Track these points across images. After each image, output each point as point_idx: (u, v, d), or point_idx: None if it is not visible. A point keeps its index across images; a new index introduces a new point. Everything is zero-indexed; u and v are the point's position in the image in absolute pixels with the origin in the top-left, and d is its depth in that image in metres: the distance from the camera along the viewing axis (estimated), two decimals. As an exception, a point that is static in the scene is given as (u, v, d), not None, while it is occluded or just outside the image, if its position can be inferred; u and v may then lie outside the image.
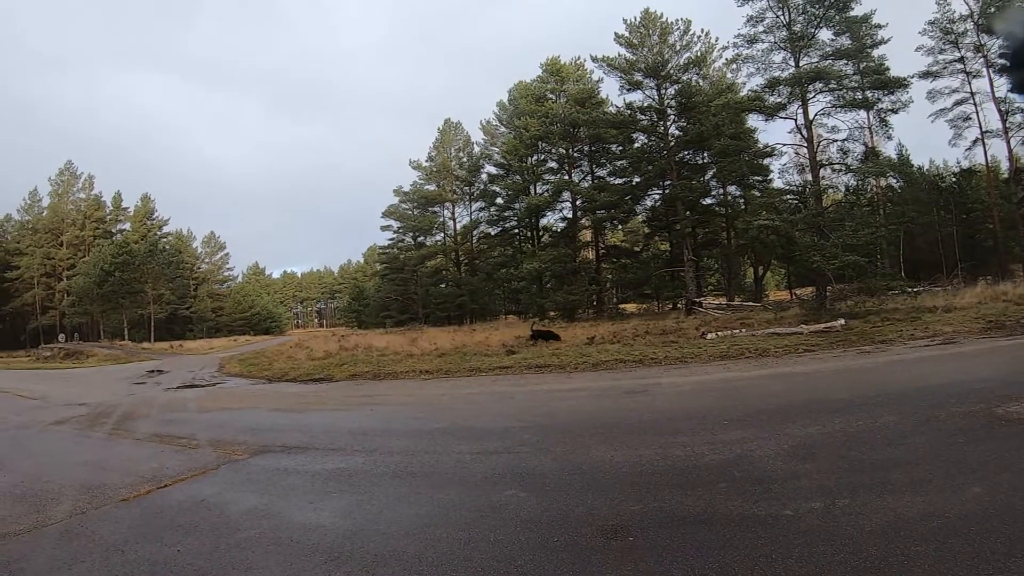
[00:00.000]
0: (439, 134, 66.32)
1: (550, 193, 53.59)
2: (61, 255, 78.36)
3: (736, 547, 4.20)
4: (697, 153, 47.34)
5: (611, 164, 52.23)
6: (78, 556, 5.16)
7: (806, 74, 31.29)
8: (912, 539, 4.01)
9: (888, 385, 10.21)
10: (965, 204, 49.84)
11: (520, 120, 53.70)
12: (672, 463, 6.50)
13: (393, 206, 65.82)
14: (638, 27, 46.11)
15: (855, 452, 6.21)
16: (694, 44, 45.95)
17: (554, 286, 51.84)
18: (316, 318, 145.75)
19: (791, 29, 32.27)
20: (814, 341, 17.11)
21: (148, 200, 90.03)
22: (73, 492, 7.31)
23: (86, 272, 68.27)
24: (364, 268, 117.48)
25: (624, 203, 49.97)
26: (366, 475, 7.23)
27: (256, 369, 25.36)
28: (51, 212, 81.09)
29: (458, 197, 65.51)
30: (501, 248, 62.09)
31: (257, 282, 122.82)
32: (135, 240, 77.69)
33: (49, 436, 12.53)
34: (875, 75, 32.03)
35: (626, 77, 45.83)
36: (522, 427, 9.33)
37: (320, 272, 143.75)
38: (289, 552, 4.90)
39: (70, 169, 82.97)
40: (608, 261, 55.68)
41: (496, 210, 60.34)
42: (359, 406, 13.96)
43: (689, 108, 44.17)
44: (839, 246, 27.01)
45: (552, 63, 56.13)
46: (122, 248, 68.78)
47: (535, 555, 4.43)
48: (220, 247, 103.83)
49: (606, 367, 16.26)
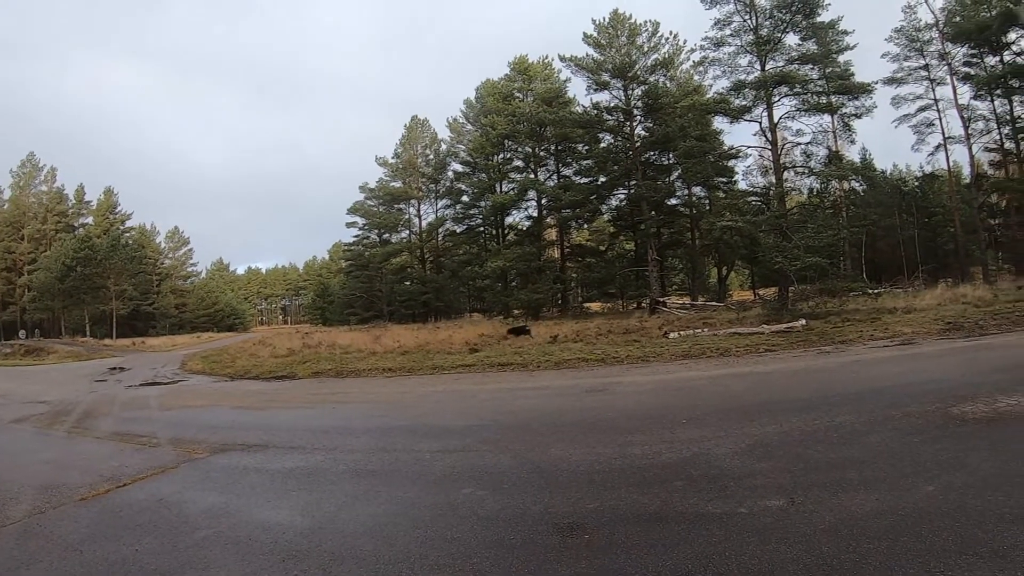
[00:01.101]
0: (406, 131, 66.23)
1: (516, 192, 53.71)
2: (22, 249, 76.80)
3: (691, 544, 4.21)
4: (663, 154, 47.54)
5: (577, 163, 52.55)
6: (36, 556, 5.11)
7: (771, 78, 31.65)
8: (864, 536, 4.04)
9: (847, 385, 10.30)
10: (927, 208, 50.87)
11: (487, 118, 53.84)
12: (630, 461, 6.50)
13: (359, 203, 65.66)
14: (607, 28, 46.25)
15: (811, 451, 6.26)
16: (662, 46, 46.27)
17: (519, 284, 52.08)
18: (281, 315, 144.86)
19: (758, 33, 32.64)
20: (775, 341, 17.28)
21: (111, 193, 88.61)
22: (32, 491, 7.20)
23: (47, 267, 67.36)
24: (329, 265, 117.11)
25: (589, 202, 50.20)
26: (325, 473, 7.19)
27: (219, 367, 25.11)
28: (12, 205, 79.45)
29: (424, 194, 65.44)
30: (466, 246, 62.02)
31: (221, 278, 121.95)
32: (98, 234, 76.71)
33: (8, 434, 12.32)
34: (840, 80, 32.56)
35: (593, 77, 45.91)
36: (482, 425, 9.34)
37: (285, 268, 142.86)
38: (247, 551, 4.87)
39: (32, 161, 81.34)
40: (573, 260, 56.04)
41: (462, 208, 60.50)
42: (321, 404, 13.90)
43: (656, 109, 44.48)
44: (801, 247, 27.31)
45: (520, 62, 56.29)
46: (84, 243, 67.97)
47: (491, 552, 4.43)
48: (184, 242, 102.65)
49: (568, 366, 16.28)
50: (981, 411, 7.20)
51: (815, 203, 36.65)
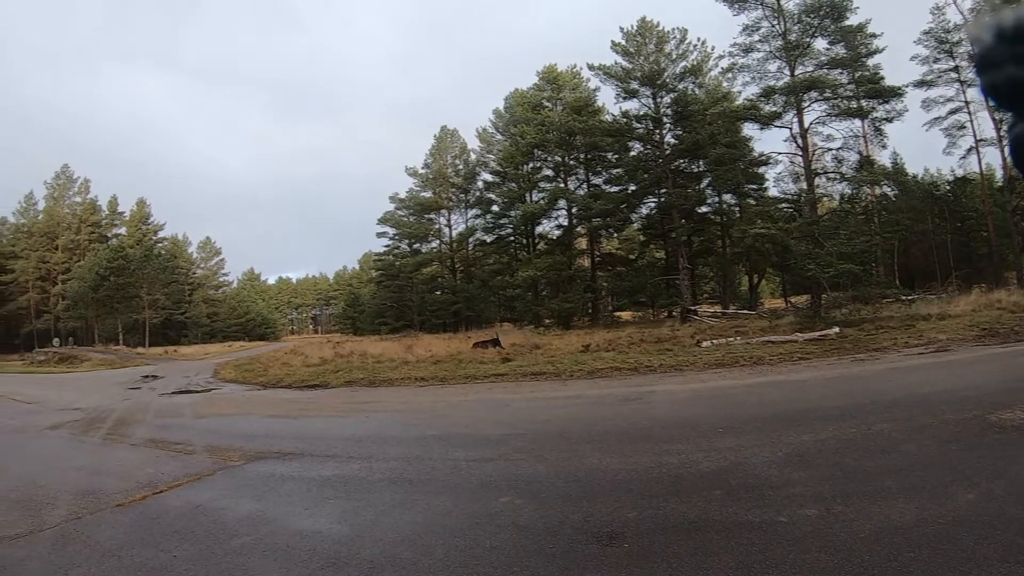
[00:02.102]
0: (435, 141, 66.41)
1: (546, 201, 53.49)
2: (56, 259, 77.94)
3: (731, 553, 4.21)
4: (693, 161, 47.12)
5: (607, 172, 52.05)
6: (74, 561, 5.16)
7: (801, 83, 31.43)
8: (905, 545, 4.01)
9: (882, 393, 10.24)
10: (960, 212, 49.99)
11: (516, 128, 53.75)
12: (667, 470, 6.50)
13: (389, 213, 65.90)
14: (635, 35, 45.99)
15: (849, 459, 6.23)
16: (690, 53, 45.86)
17: (549, 294, 51.91)
18: (311, 324, 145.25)
19: (786, 38, 32.41)
20: (809, 349, 17.18)
21: (144, 205, 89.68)
22: (69, 497, 7.29)
23: (81, 276, 68.28)
24: (359, 275, 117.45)
25: (620, 211, 49.74)
26: (362, 482, 7.23)
27: (251, 375, 25.37)
28: (46, 216, 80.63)
29: (454, 204, 65.47)
30: (497, 255, 61.78)
31: (252, 288, 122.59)
32: (130, 245, 77.68)
33: (44, 441, 12.52)
34: (870, 84, 32.17)
35: (622, 85, 45.67)
36: (517, 435, 9.36)
37: (316, 278, 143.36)
38: (286, 558, 4.90)
39: (66, 173, 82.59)
40: (603, 269, 55.52)
41: (492, 217, 60.28)
42: (355, 413, 14.01)
43: (685, 116, 44.09)
44: (834, 254, 27.09)
45: (549, 71, 56.16)
46: (117, 253, 68.87)
47: (531, 561, 4.44)
48: (216, 252, 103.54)
49: (601, 375, 16.30)
50: (1020, 418, 7.14)
51: (847, 209, 36.19)
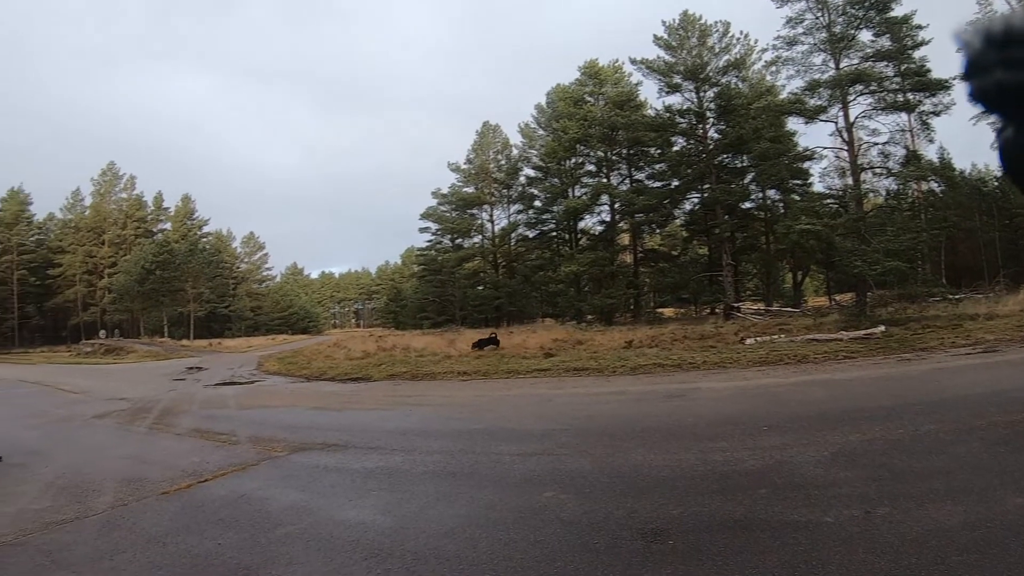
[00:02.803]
0: (477, 137, 66.43)
1: (588, 196, 53.32)
2: (103, 253, 79.94)
3: (776, 553, 4.20)
4: (736, 156, 46.67)
5: (650, 167, 51.65)
6: (119, 547, 5.32)
7: (846, 76, 31.09)
8: (953, 549, 3.97)
9: (929, 393, 10.10)
10: (1008, 209, 48.79)
11: (558, 123, 53.56)
12: (712, 468, 6.50)
13: (431, 208, 66.10)
14: (677, 29, 45.70)
15: (896, 460, 6.18)
16: (733, 46, 45.47)
17: (591, 289, 51.67)
18: (354, 318, 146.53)
19: (831, 31, 32.11)
20: (854, 348, 16.97)
21: (188, 201, 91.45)
22: (115, 484, 7.53)
23: (127, 270, 69.84)
24: (402, 270, 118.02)
25: (663, 207, 49.52)
26: (405, 474, 7.33)
27: (295, 367, 25.70)
28: (93, 212, 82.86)
29: (496, 200, 65.39)
30: (539, 251, 61.72)
31: (295, 282, 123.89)
32: (176, 240, 79.18)
33: (91, 430, 12.89)
34: (916, 77, 31.68)
35: (665, 80, 45.44)
36: (561, 429, 9.39)
37: (358, 273, 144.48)
38: (329, 548, 5.00)
39: (112, 170, 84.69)
40: (646, 265, 55.20)
41: (534, 213, 60.22)
42: (397, 406, 14.15)
43: (728, 111, 43.72)
44: (880, 251, 26.76)
45: (590, 66, 55.94)
46: (163, 247, 70.33)
47: (575, 556, 4.47)
48: (259, 247, 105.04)
49: (644, 371, 16.29)
50: (1072, 422, 7.05)
51: (893, 205, 35.68)
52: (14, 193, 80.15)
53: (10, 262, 75.67)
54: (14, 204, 79.50)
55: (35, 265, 78.35)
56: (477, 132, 66.58)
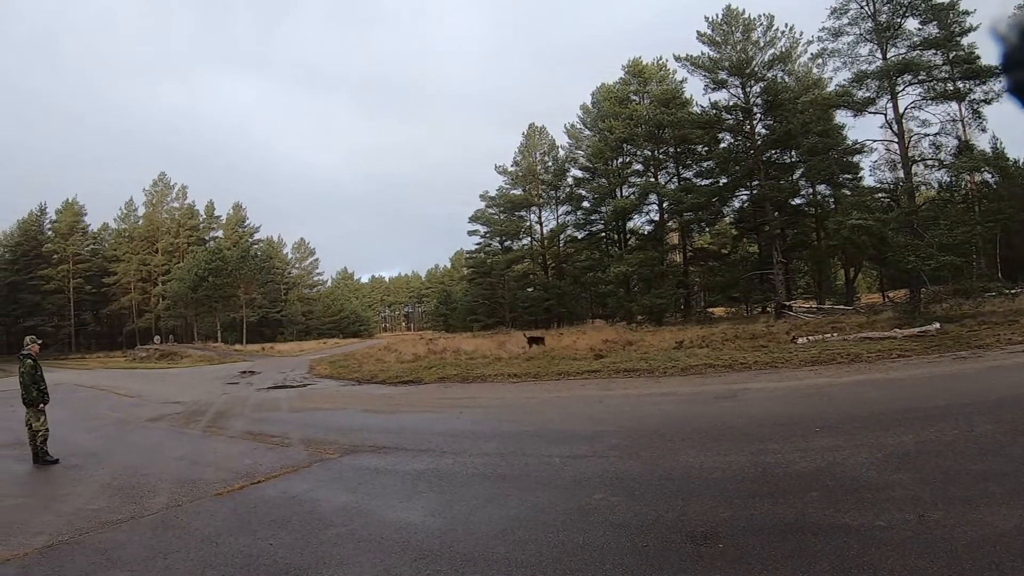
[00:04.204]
0: (524, 139, 66.59)
1: (636, 196, 53.18)
2: (156, 261, 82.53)
3: (828, 557, 4.17)
4: (785, 152, 46.17)
5: (697, 165, 51.39)
6: (173, 546, 5.51)
7: (894, 66, 30.54)
8: (1008, 554, 3.90)
9: (985, 392, 9.92)
10: (1066, 200, 47.49)
11: (604, 123, 53.62)
12: (763, 470, 6.49)
13: (480, 211, 66.54)
14: (720, 24, 45.21)
15: (950, 462, 6.08)
16: (778, 40, 44.74)
17: (641, 289, 51.36)
18: (404, 322, 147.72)
19: (876, 20, 31.57)
20: (908, 346, 16.69)
21: (240, 208, 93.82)
22: (169, 485, 7.79)
23: (180, 277, 71.50)
24: (451, 273, 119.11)
25: (711, 205, 49.09)
26: (455, 476, 7.44)
27: (346, 371, 26.03)
28: (146, 221, 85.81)
29: (544, 201, 65.44)
30: (588, 251, 61.44)
31: (346, 286, 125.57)
32: (227, 247, 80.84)
33: (146, 432, 13.31)
34: (966, 64, 30.83)
35: (710, 76, 44.93)
36: (611, 431, 9.44)
37: (408, 277, 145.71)
38: (379, 549, 5.11)
39: (164, 180, 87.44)
40: (696, 264, 54.76)
41: (583, 213, 60.31)
42: (448, 408, 14.30)
43: (775, 106, 43.11)
44: (934, 246, 26.23)
45: (634, 64, 55.77)
46: (215, 254, 71.77)
47: (625, 559, 4.49)
48: (310, 253, 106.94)
49: (695, 372, 16.24)
50: None
51: (946, 198, 34.88)
52: (69, 205, 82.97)
53: (66, 271, 78.25)
54: (69, 215, 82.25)
55: (91, 274, 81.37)
56: (523, 134, 66.91)
